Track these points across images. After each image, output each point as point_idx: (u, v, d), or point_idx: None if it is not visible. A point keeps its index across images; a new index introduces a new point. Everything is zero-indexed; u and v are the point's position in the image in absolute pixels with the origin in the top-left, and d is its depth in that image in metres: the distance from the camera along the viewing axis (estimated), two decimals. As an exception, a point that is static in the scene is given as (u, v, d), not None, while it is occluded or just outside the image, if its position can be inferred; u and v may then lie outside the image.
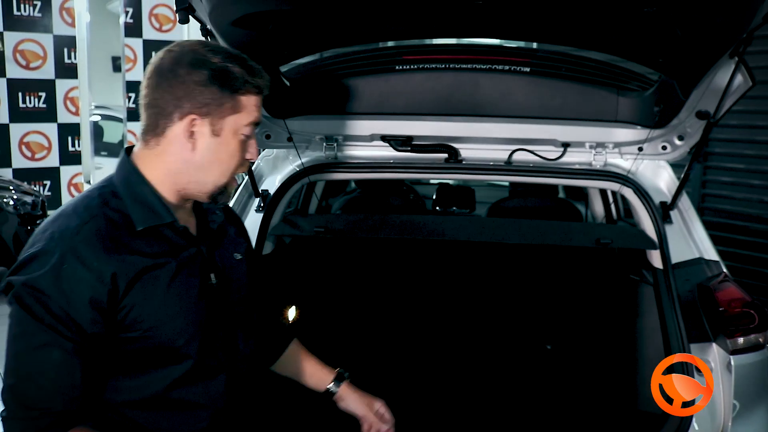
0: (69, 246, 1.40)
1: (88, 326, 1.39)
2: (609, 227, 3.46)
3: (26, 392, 1.39)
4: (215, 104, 1.48)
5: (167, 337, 1.49)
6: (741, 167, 5.71)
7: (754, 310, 2.37)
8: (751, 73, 2.24)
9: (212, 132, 1.50)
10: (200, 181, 1.53)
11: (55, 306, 1.37)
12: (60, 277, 1.38)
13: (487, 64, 2.62)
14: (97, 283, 1.39)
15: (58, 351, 1.38)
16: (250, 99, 1.52)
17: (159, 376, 1.51)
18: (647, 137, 2.62)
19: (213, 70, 1.47)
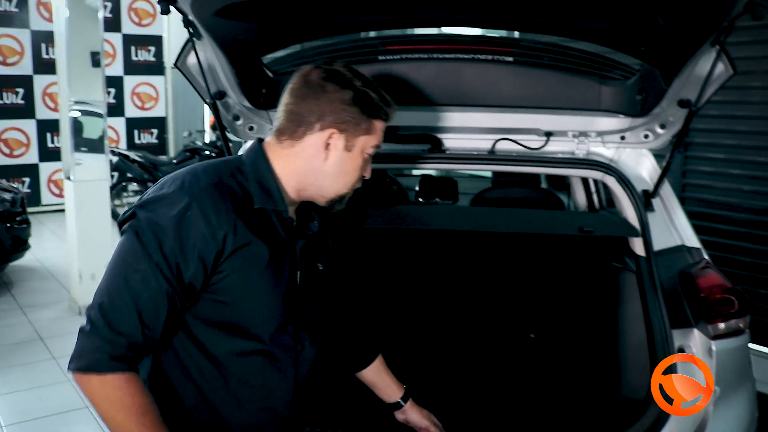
0: (197, 197, 1.54)
1: (188, 275, 1.53)
2: (592, 215, 3.48)
3: (114, 313, 1.50)
4: (353, 123, 1.67)
5: (247, 313, 1.63)
6: (721, 157, 5.74)
7: (734, 296, 2.40)
8: (732, 62, 2.26)
9: (345, 147, 1.68)
10: (324, 188, 1.72)
11: (167, 246, 1.51)
12: (181, 223, 1.52)
13: (470, 53, 2.62)
14: (210, 238, 1.53)
15: (155, 286, 1.51)
16: (380, 124, 1.72)
17: (221, 342, 1.64)
18: (629, 126, 2.63)
19: (356, 92, 1.66)
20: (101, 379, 1.49)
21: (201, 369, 1.66)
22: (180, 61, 2.40)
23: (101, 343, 1.49)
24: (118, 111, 10.48)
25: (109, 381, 1.49)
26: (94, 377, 1.49)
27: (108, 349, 1.49)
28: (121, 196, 9.38)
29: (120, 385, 1.50)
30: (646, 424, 2.35)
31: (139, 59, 10.56)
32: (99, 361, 1.49)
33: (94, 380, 1.49)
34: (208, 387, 1.67)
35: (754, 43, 5.39)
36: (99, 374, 1.49)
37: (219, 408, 1.69)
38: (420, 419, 2.18)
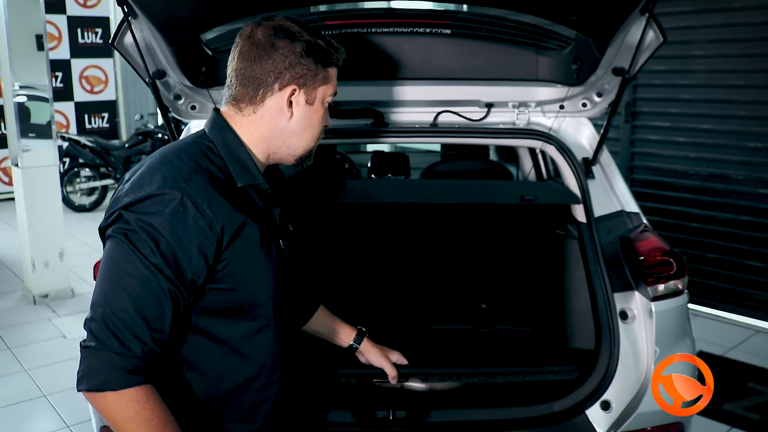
0: (185, 190, 1.48)
1: (189, 271, 1.48)
2: (534, 184, 3.53)
3: (120, 324, 1.43)
4: (311, 75, 1.64)
5: (252, 293, 1.60)
6: (667, 125, 5.87)
7: (672, 258, 2.47)
8: (662, 30, 2.30)
9: (307, 101, 1.66)
10: (292, 146, 1.69)
11: (164, 246, 1.45)
12: (176, 220, 1.46)
13: (408, 27, 2.64)
14: (208, 230, 1.49)
15: (157, 288, 1.45)
16: (334, 71, 1.70)
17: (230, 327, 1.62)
18: (567, 95, 2.68)
19: (307, 43, 1.62)
20: (117, 396, 1.42)
21: (211, 359, 1.62)
22: (117, 40, 2.37)
23: (112, 357, 1.42)
24: (66, 95, 10.27)
25: (126, 396, 1.43)
26: (109, 395, 1.42)
27: (122, 363, 1.42)
28: (73, 182, 9.23)
29: (138, 399, 1.44)
30: (590, 387, 2.42)
31: (86, 41, 10.35)
32: (113, 377, 1.42)
33: (110, 397, 1.43)
34: (219, 375, 1.63)
35: (696, 12, 5.50)
36: (115, 392, 1.42)
37: (231, 393, 1.66)
38: (378, 358, 2.24)
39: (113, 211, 1.50)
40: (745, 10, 5.23)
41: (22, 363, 4.72)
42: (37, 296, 5.91)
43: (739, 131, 5.42)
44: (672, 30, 5.46)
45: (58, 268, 6.01)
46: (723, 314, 5.56)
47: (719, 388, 4.04)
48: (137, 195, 1.48)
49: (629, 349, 2.41)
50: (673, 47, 5.65)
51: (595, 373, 2.42)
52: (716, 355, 4.77)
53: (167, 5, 2.12)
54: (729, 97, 5.45)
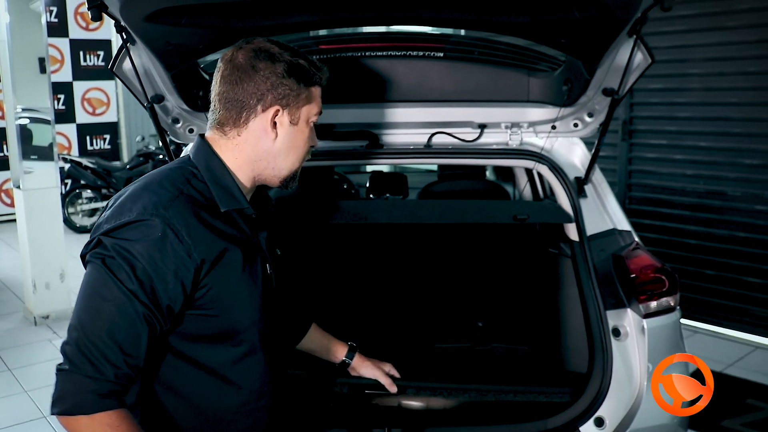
0: (164, 216, 1.48)
1: (165, 298, 1.47)
2: (527, 203, 3.57)
3: (92, 349, 1.43)
4: (293, 95, 1.64)
5: (235, 319, 1.60)
6: (664, 143, 5.91)
7: (664, 275, 2.50)
8: (650, 51, 2.34)
9: (291, 121, 1.66)
10: (277, 167, 1.68)
11: (140, 272, 1.45)
12: (154, 246, 1.46)
13: (402, 50, 2.68)
14: (186, 257, 1.48)
15: (132, 313, 1.44)
16: (317, 90, 1.70)
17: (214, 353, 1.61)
18: (558, 115, 2.72)
19: (288, 63, 1.62)
20: (89, 420, 1.42)
21: (195, 385, 1.61)
22: (116, 66, 2.42)
23: (85, 381, 1.42)
24: (68, 117, 10.35)
25: (98, 420, 1.42)
26: (82, 419, 1.42)
27: (94, 387, 1.42)
28: (74, 204, 9.27)
29: (111, 424, 1.43)
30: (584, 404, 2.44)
31: (88, 64, 10.43)
32: (85, 401, 1.42)
33: (82, 421, 1.42)
34: (204, 401, 1.63)
35: (691, 31, 5.56)
36: (87, 416, 1.42)
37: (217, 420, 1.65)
38: (371, 371, 2.30)
39: (93, 237, 1.51)
40: (739, 29, 5.29)
41: (22, 384, 4.73)
42: (37, 317, 5.94)
43: (735, 148, 5.46)
44: (668, 49, 5.58)
45: (59, 289, 6.03)
46: (722, 330, 5.57)
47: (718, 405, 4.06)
48: (117, 222, 1.49)
49: (622, 366, 2.43)
50: (670, 66, 5.72)
51: (588, 390, 2.45)
52: (715, 371, 4.76)
53: (164, 33, 2.16)
54: (725, 114, 5.49)
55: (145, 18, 2.05)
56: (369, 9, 2.13)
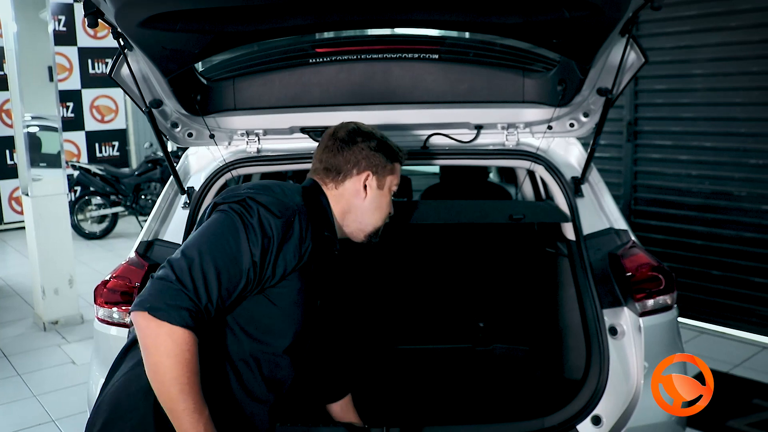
0: (298, 211, 1.80)
1: (270, 271, 1.74)
2: (523, 204, 3.57)
3: (202, 278, 1.65)
4: (381, 165, 2.05)
5: (288, 319, 1.85)
6: (669, 144, 5.90)
7: (660, 273, 2.51)
8: (643, 50, 2.36)
9: (378, 185, 2.06)
10: (363, 222, 2.06)
11: (267, 241, 1.72)
12: (284, 228, 1.75)
13: (397, 53, 2.70)
14: (299, 247, 1.77)
15: (243, 266, 1.69)
16: (398, 166, 2.12)
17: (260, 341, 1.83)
18: (554, 115, 2.73)
19: (378, 141, 2.07)
20: (171, 330, 1.60)
21: (242, 357, 1.82)
22: (114, 72, 2.45)
23: (184, 298, 1.62)
24: (77, 125, 10.44)
25: (178, 333, 1.60)
26: (165, 325, 1.60)
27: (189, 305, 1.62)
28: (84, 210, 9.34)
29: (187, 341, 1.61)
30: (582, 401, 2.45)
31: (96, 72, 10.51)
32: (177, 314, 1.61)
33: (164, 328, 1.60)
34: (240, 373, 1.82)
35: (695, 32, 5.55)
36: (171, 325, 1.60)
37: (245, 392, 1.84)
38: None
39: (236, 194, 1.79)
40: (742, 29, 5.28)
41: (31, 389, 4.77)
42: (47, 323, 5.98)
43: (740, 148, 5.44)
44: (671, 50, 5.58)
45: (67, 295, 6.08)
46: (728, 331, 5.54)
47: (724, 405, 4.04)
48: (266, 194, 1.79)
49: (619, 365, 2.44)
50: (673, 67, 5.71)
51: (585, 389, 2.45)
52: (721, 371, 4.76)
53: (159, 38, 2.19)
54: (730, 114, 5.47)
55: (140, 24, 2.07)
56: (362, 13, 2.15)
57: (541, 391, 2.93)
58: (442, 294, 3.60)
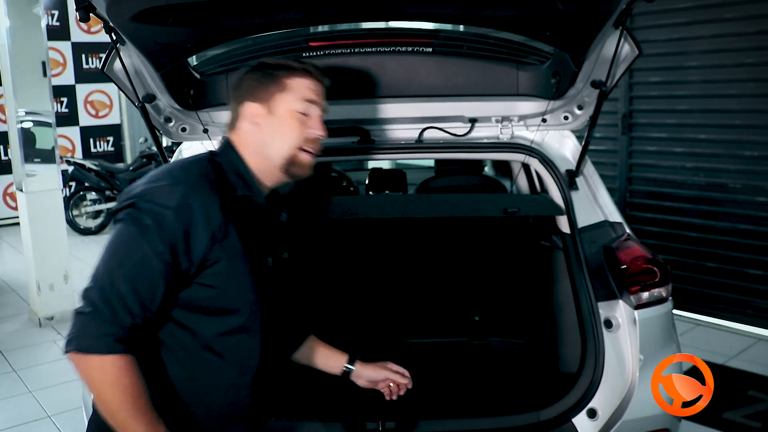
0: (193, 187, 1.65)
1: (184, 261, 1.62)
2: (518, 197, 3.58)
3: (116, 297, 1.57)
4: (261, 88, 1.81)
5: (230, 297, 1.72)
6: (664, 136, 5.90)
7: (655, 266, 2.50)
8: (637, 43, 2.35)
9: (269, 111, 1.80)
10: (271, 155, 1.80)
11: (168, 233, 1.60)
12: (180, 211, 1.61)
13: (391, 46, 2.70)
14: (206, 225, 1.63)
15: (155, 270, 1.59)
16: (291, 81, 1.81)
17: (207, 325, 1.72)
18: (548, 108, 2.72)
19: (255, 66, 1.85)
20: (101, 360, 1.55)
21: (187, 351, 1.72)
22: (106, 66, 2.44)
23: (104, 325, 1.55)
24: (71, 120, 10.40)
25: (109, 362, 1.55)
26: (94, 358, 1.55)
27: (111, 331, 1.55)
28: (79, 206, 9.32)
29: (120, 366, 1.56)
30: (577, 395, 2.45)
31: (90, 67, 10.47)
32: (102, 343, 1.55)
33: (94, 361, 1.55)
34: (193, 367, 1.73)
35: (689, 24, 5.55)
36: (100, 356, 1.55)
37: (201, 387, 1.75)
38: (377, 373, 2.19)
39: (127, 198, 1.66)
40: (737, 21, 5.27)
41: (27, 384, 4.77)
42: (42, 318, 5.97)
43: (735, 140, 5.44)
44: (666, 42, 5.58)
45: (63, 290, 6.07)
46: (723, 323, 5.56)
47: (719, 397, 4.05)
48: (151, 186, 1.66)
49: (614, 358, 2.44)
50: (668, 59, 5.70)
51: (581, 382, 2.45)
52: (717, 363, 4.77)
53: (152, 32, 2.18)
54: (725, 106, 5.47)
55: (132, 18, 2.07)
56: (355, 6, 2.14)
57: (536, 385, 2.93)
58: (437, 288, 3.60)
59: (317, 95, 1.85)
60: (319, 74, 1.87)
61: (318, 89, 1.86)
